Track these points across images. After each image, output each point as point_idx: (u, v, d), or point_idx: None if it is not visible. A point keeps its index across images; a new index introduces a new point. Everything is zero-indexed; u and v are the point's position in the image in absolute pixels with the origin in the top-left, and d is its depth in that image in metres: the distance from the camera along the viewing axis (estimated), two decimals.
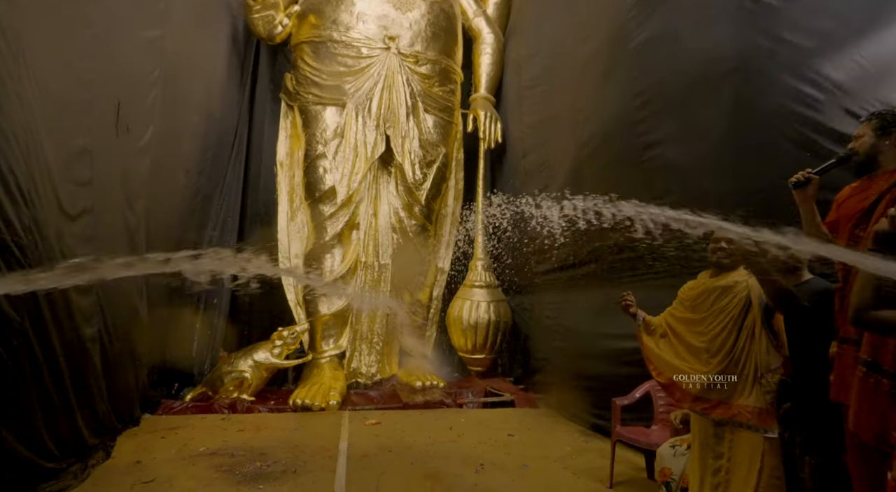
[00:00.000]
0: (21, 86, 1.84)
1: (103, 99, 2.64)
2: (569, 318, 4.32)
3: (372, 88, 4.52)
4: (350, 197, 4.55)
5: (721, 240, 1.84)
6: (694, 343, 1.88)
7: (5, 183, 1.76)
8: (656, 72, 3.09)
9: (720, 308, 1.81)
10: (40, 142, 2.01)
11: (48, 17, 2.09)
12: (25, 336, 1.89)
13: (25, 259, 1.86)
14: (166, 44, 3.32)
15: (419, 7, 4.62)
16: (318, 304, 4.56)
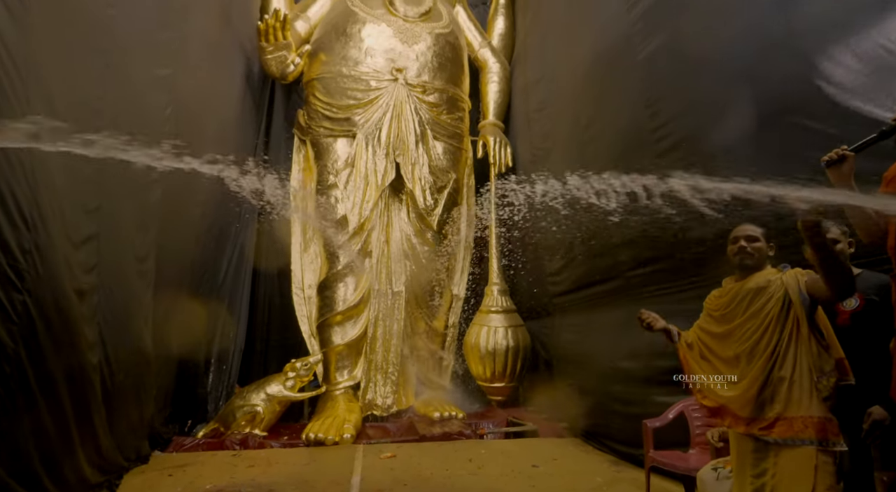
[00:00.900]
0: (29, 108, 1.89)
1: (114, 129, 2.71)
2: (592, 340, 4.13)
3: (381, 118, 4.60)
4: (362, 225, 4.55)
5: (740, 239, 1.73)
6: (730, 355, 1.70)
7: (5, 206, 1.77)
8: (666, 83, 3.05)
9: (756, 311, 1.64)
10: (47, 167, 2.05)
11: (61, 44, 2.18)
12: (19, 363, 1.85)
13: (22, 283, 1.85)
14: (179, 81, 3.45)
15: (424, 40, 4.75)
16: (332, 334, 4.47)
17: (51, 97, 2.07)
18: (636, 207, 3.38)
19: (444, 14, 4.96)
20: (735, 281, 1.76)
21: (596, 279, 4.02)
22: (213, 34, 4.01)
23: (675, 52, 2.86)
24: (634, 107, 3.32)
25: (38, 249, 1.95)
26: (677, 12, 2.73)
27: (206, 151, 4.07)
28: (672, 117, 3.06)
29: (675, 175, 2.82)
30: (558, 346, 4.66)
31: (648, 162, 3.26)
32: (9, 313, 1.79)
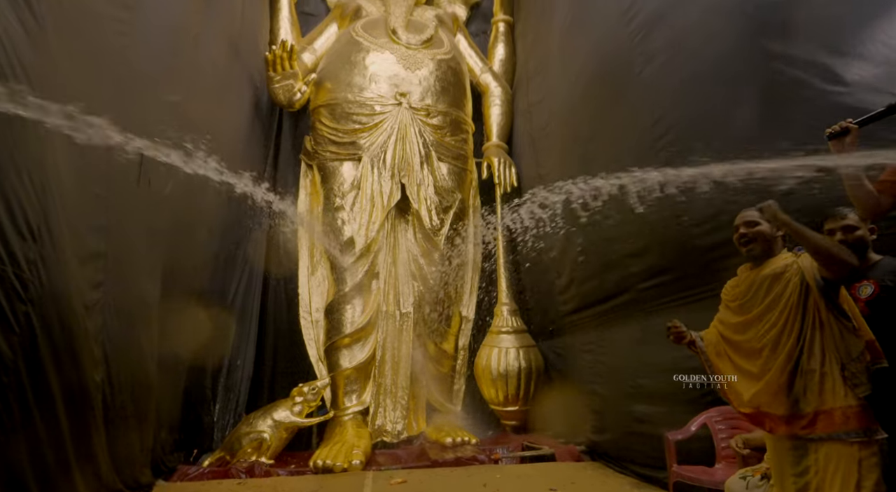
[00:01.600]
0: (43, 125, 1.93)
1: (122, 152, 2.77)
2: (607, 357, 4.01)
3: (386, 141, 4.67)
4: (368, 246, 4.55)
5: (740, 226, 1.68)
6: (753, 347, 1.62)
7: (13, 216, 1.79)
8: (667, 93, 3.07)
9: (774, 299, 1.57)
10: (57, 182, 2.08)
11: (74, 64, 2.25)
12: (17, 375, 1.81)
13: (26, 293, 1.84)
14: (189, 108, 3.54)
15: (427, 65, 4.88)
16: (340, 357, 4.39)
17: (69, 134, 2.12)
18: (643, 215, 3.36)
19: (445, 41, 5.11)
20: (750, 269, 1.70)
21: (606, 295, 3.93)
22: (223, 64, 4.15)
23: (676, 62, 2.88)
24: (636, 118, 3.33)
25: (44, 261, 1.95)
26: (676, 21, 2.77)
27: (214, 174, 4.16)
28: (674, 127, 3.06)
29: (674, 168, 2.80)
30: (572, 366, 4.52)
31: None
32: (10, 323, 1.78)
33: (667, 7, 2.85)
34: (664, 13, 2.85)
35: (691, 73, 2.85)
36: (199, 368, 4.13)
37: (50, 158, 2.03)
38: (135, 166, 2.89)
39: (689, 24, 2.68)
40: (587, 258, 4.10)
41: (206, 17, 3.82)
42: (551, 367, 4.80)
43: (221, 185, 4.27)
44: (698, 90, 2.83)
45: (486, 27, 5.91)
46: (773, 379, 1.52)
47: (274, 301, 4.90)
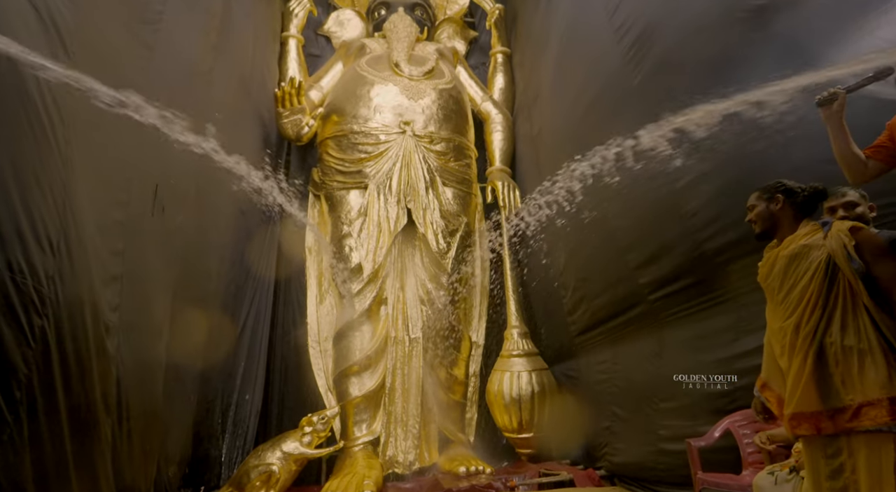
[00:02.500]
0: (69, 148, 2.02)
1: (140, 180, 2.87)
2: (623, 375, 3.91)
3: (391, 168, 4.78)
4: (376, 271, 4.56)
5: (748, 211, 1.70)
6: (782, 329, 1.54)
7: (35, 230, 1.84)
8: (663, 105, 3.13)
9: (798, 277, 1.51)
10: (79, 203, 2.15)
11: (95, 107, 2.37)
12: (30, 390, 1.81)
13: (43, 306, 1.87)
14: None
15: (429, 95, 5.06)
16: (349, 385, 4.32)
17: (88, 143, 2.22)
18: (648, 222, 3.37)
19: (446, 72, 5.32)
20: (772, 249, 1.68)
21: (616, 310, 3.88)
22: (234, 100, 4.33)
23: (669, 72, 2.97)
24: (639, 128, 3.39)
25: (61, 277, 1.99)
26: (666, 33, 2.88)
27: (224, 205, 4.27)
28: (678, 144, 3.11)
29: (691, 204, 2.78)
30: (587, 388, 4.41)
31: (655, 183, 3.28)
32: (27, 337, 1.79)
33: (658, 19, 2.97)
34: (656, 26, 2.97)
35: (684, 79, 2.92)
36: (209, 400, 4.08)
37: (73, 182, 2.11)
38: (150, 195, 2.98)
39: (678, 31, 2.77)
40: (593, 275, 4.08)
41: (219, 56, 4.02)
42: (565, 390, 4.67)
43: (232, 215, 4.38)
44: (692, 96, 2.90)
45: (484, 59, 6.15)
46: (798, 367, 1.44)
47: (282, 331, 4.88)
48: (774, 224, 1.66)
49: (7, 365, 1.72)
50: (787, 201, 1.65)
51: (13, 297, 1.76)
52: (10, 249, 1.75)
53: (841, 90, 1.52)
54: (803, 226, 1.61)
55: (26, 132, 1.84)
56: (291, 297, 5.00)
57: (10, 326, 1.74)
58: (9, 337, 1.74)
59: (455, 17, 6.13)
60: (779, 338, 1.55)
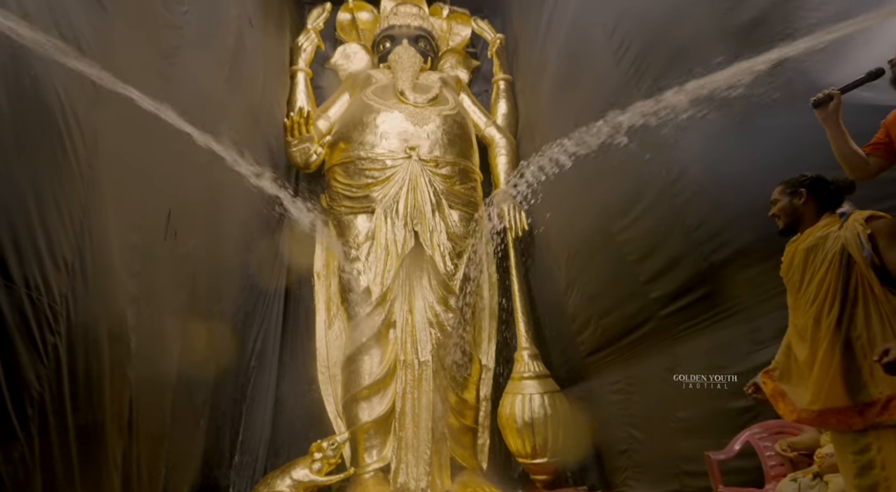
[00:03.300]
0: (91, 172, 2.09)
1: (155, 205, 2.94)
2: (639, 395, 3.82)
3: (398, 192, 4.85)
4: (384, 294, 4.57)
5: (771, 205, 1.70)
6: (800, 323, 1.52)
7: (51, 249, 1.88)
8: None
9: (815, 270, 1.50)
10: (97, 225, 2.20)
11: (125, 126, 2.46)
12: (42, 408, 1.81)
13: (56, 324, 1.89)
14: (214, 168, 3.77)
15: (434, 121, 5.19)
16: (359, 411, 4.26)
17: (109, 168, 2.31)
18: (653, 235, 3.37)
19: (450, 99, 5.47)
20: (793, 242, 1.67)
21: (627, 328, 3.83)
22: (244, 130, 4.46)
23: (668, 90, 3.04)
24: (639, 150, 3.44)
25: (74, 297, 2.02)
26: (666, 52, 2.96)
27: (234, 232, 4.34)
28: (680, 158, 3.14)
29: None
30: (602, 410, 4.31)
31: (660, 201, 3.31)
32: (41, 354, 1.81)
33: (654, 38, 3.06)
34: (653, 45, 3.06)
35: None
36: (217, 426, 4.03)
37: (92, 204, 2.17)
38: (163, 219, 3.04)
39: (678, 48, 2.84)
40: (601, 292, 4.05)
41: (231, 88, 4.18)
42: (579, 413, 4.56)
43: (242, 240, 4.45)
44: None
45: (487, 87, 6.32)
46: (824, 362, 1.40)
47: (291, 356, 4.85)
48: (798, 219, 1.65)
49: (20, 381, 1.73)
50: (810, 195, 1.64)
51: (28, 313, 1.78)
52: (27, 266, 1.79)
53: (836, 91, 1.56)
54: (824, 218, 1.60)
55: (48, 154, 1.91)
56: (300, 322, 5.00)
57: (24, 343, 1.76)
58: (23, 353, 1.75)
59: (457, 48, 6.34)
60: (801, 333, 1.52)
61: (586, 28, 4.00)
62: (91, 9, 2.21)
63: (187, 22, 3.31)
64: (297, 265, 5.24)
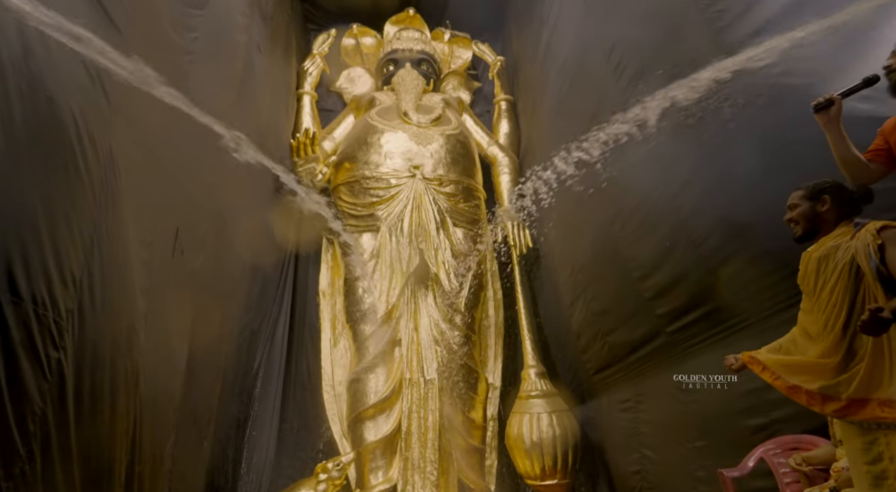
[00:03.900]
0: (103, 189, 2.14)
1: (164, 222, 2.99)
2: (650, 414, 3.74)
3: (402, 211, 4.90)
4: (389, 312, 4.56)
5: (788, 211, 1.68)
6: (812, 330, 1.55)
7: (59, 264, 1.90)
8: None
9: (826, 278, 1.50)
10: (108, 241, 2.23)
11: (138, 144, 2.53)
12: (45, 424, 1.80)
13: (61, 340, 1.89)
14: (221, 188, 3.83)
15: (437, 140, 5.27)
16: (364, 430, 4.20)
17: (124, 188, 2.36)
18: (658, 249, 3.35)
19: (452, 119, 5.56)
20: (808, 251, 1.66)
21: (634, 345, 3.78)
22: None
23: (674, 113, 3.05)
24: (642, 168, 3.45)
25: (81, 312, 2.03)
26: (664, 69, 3.01)
27: (242, 250, 4.37)
28: (682, 170, 3.16)
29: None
30: (612, 430, 4.22)
31: (664, 215, 3.31)
32: (44, 369, 1.81)
33: (652, 56, 3.12)
34: (651, 62, 3.12)
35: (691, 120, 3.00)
36: (222, 446, 3.98)
37: (103, 220, 2.21)
38: (172, 236, 3.08)
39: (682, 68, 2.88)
40: (607, 308, 4.02)
41: (238, 110, 4.27)
42: (589, 433, 4.48)
43: (248, 259, 4.48)
44: (699, 135, 2.97)
45: (488, 108, 6.43)
46: (824, 357, 1.43)
47: (296, 375, 4.82)
48: (818, 225, 1.63)
49: (23, 397, 1.73)
50: (833, 202, 1.61)
51: (34, 328, 1.79)
52: (35, 282, 1.81)
53: (836, 95, 1.57)
54: (840, 227, 1.60)
55: (61, 172, 1.96)
56: (305, 340, 4.99)
57: (28, 358, 1.76)
58: (26, 368, 1.75)
59: (459, 71, 6.48)
60: (810, 333, 1.53)
61: (585, 49, 4.09)
62: (109, 33, 2.30)
63: (197, 47, 3.41)
64: (302, 283, 5.26)
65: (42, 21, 1.79)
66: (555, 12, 4.70)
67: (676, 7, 3.04)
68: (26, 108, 1.77)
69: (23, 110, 1.75)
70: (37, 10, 1.80)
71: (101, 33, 2.21)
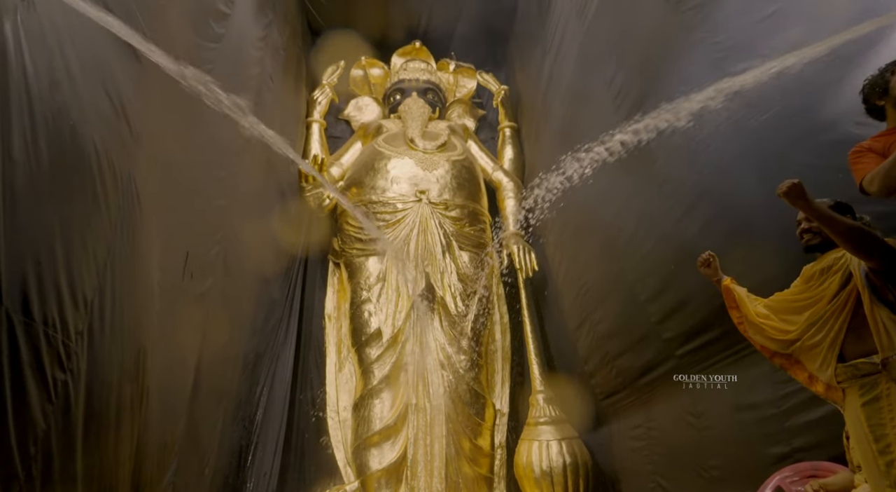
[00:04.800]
0: (119, 213, 2.19)
1: (175, 248, 3.03)
2: (662, 441, 3.66)
3: (408, 234, 4.94)
4: (395, 336, 4.54)
5: (802, 219, 1.70)
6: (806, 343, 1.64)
7: (72, 286, 1.93)
8: (673, 164, 3.23)
9: (821, 293, 1.58)
10: (123, 266, 2.27)
11: (158, 173, 2.60)
12: (47, 448, 1.78)
13: (68, 362, 1.90)
14: (230, 212, 3.90)
15: (443, 166, 5.36)
16: (369, 458, 4.12)
17: (139, 222, 2.44)
18: (663, 270, 3.34)
19: (458, 146, 5.67)
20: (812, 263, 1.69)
21: (643, 369, 3.73)
22: (260, 176, 4.64)
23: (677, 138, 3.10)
24: (646, 186, 3.49)
25: (90, 334, 2.04)
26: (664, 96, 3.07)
27: (247, 275, 4.40)
28: (683, 187, 3.19)
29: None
30: (624, 458, 4.12)
31: (668, 238, 3.32)
32: (49, 391, 1.81)
33: (652, 84, 3.19)
34: (651, 89, 3.19)
35: (691, 143, 3.04)
36: (224, 475, 3.90)
37: (118, 244, 2.25)
38: (182, 260, 3.12)
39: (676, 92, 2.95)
40: (615, 332, 3.98)
41: (249, 138, 4.39)
42: (600, 461, 4.36)
43: (255, 282, 4.50)
44: (699, 153, 3.01)
45: (493, 134, 6.56)
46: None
47: (300, 401, 4.76)
48: (832, 241, 1.64)
49: (27, 418, 1.72)
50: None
51: (42, 349, 1.80)
52: (47, 302, 1.84)
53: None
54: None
55: (79, 196, 2.02)
56: (310, 365, 4.95)
57: (35, 378, 1.77)
58: (32, 389, 1.75)
59: (464, 99, 6.65)
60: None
61: (587, 77, 4.19)
62: (131, 65, 2.41)
63: (212, 78, 3.54)
64: (308, 307, 5.26)
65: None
66: (556, 43, 4.85)
67: (676, 37, 3.13)
68: (51, 136, 1.84)
69: (47, 138, 1.82)
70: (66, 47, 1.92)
71: (123, 62, 2.31)
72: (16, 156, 1.66)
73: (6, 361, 1.63)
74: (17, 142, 1.67)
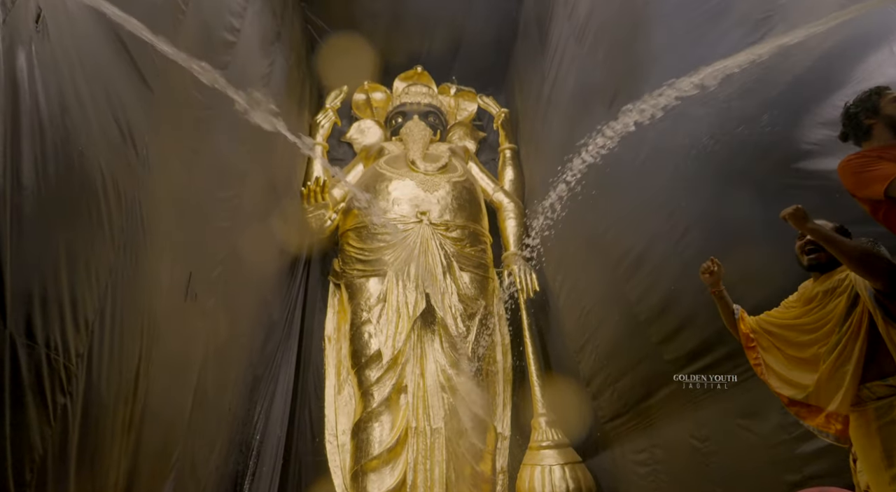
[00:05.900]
0: (123, 236, 2.21)
1: (178, 269, 3.05)
2: (668, 466, 3.58)
3: (409, 255, 4.96)
4: (395, 358, 4.50)
5: (806, 235, 1.69)
6: (808, 358, 1.63)
7: (74, 309, 1.94)
8: (675, 179, 3.26)
9: (826, 315, 1.56)
10: (125, 288, 2.28)
11: (163, 196, 2.64)
12: (42, 473, 1.76)
13: (68, 385, 1.89)
14: (233, 233, 3.93)
15: (444, 187, 5.41)
16: (368, 484, 4.04)
17: (143, 244, 2.47)
18: (663, 291, 3.34)
19: (458, 167, 5.74)
20: (812, 282, 1.67)
21: (645, 392, 3.68)
22: (262, 197, 4.68)
23: (667, 152, 3.18)
24: (649, 203, 3.50)
25: (90, 357, 2.04)
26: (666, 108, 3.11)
27: (248, 296, 4.40)
28: (681, 207, 3.22)
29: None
30: (629, 483, 4.02)
31: (668, 260, 3.33)
32: (49, 416, 1.79)
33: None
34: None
35: (688, 154, 3.08)
36: None
37: (120, 266, 2.27)
38: (185, 281, 3.13)
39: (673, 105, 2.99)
40: (614, 354, 3.95)
41: (252, 160, 4.45)
42: (604, 487, 4.27)
43: (256, 304, 4.50)
44: (698, 164, 3.04)
45: (493, 156, 6.64)
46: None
47: (299, 424, 4.70)
48: (835, 261, 1.64)
49: (25, 442, 1.70)
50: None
51: (44, 372, 1.80)
52: (50, 325, 1.84)
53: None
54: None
55: (84, 219, 2.04)
56: (309, 387, 4.90)
57: (35, 402, 1.75)
58: (32, 413, 1.74)
59: (464, 121, 6.75)
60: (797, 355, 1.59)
61: (586, 99, 4.27)
62: (140, 92, 2.47)
63: (216, 102, 3.61)
64: (308, 328, 5.24)
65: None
66: (555, 66, 4.95)
67: (676, 61, 3.20)
68: (59, 161, 1.88)
69: (56, 163, 1.85)
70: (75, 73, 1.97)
71: (133, 88, 2.37)
72: (25, 181, 1.69)
73: (8, 385, 1.62)
74: (27, 167, 1.71)
